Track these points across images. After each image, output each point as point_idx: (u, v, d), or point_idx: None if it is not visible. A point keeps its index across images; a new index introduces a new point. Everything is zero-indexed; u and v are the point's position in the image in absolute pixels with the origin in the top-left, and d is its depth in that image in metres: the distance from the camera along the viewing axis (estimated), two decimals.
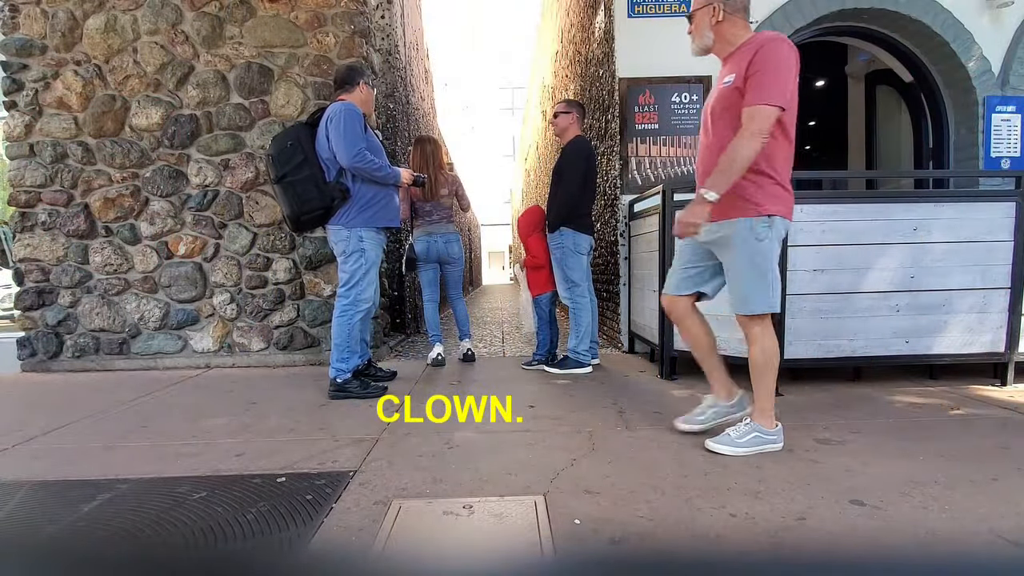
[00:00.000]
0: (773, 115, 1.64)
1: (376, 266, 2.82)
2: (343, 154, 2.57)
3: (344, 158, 2.58)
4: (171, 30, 3.66)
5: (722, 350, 2.75)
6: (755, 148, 1.64)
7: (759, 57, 1.66)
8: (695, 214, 1.70)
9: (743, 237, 1.78)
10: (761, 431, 1.80)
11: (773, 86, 1.64)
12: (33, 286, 3.76)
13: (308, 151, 2.64)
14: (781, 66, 1.65)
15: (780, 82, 1.64)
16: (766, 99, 1.64)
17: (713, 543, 1.27)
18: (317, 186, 2.63)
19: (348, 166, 2.60)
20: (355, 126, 2.59)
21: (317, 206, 2.65)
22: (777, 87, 1.64)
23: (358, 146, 2.58)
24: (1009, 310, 2.64)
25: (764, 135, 1.64)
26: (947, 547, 1.18)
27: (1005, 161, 3.91)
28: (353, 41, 3.68)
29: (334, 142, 2.59)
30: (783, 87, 1.65)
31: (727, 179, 1.67)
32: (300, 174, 2.62)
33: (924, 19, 3.77)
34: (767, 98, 1.64)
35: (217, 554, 0.87)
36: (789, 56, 1.67)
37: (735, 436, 1.81)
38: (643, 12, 3.78)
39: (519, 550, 1.25)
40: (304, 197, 2.62)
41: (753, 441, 1.79)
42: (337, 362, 2.72)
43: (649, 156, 3.84)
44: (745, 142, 1.65)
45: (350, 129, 2.57)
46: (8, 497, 1.59)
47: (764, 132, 1.64)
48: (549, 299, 3.46)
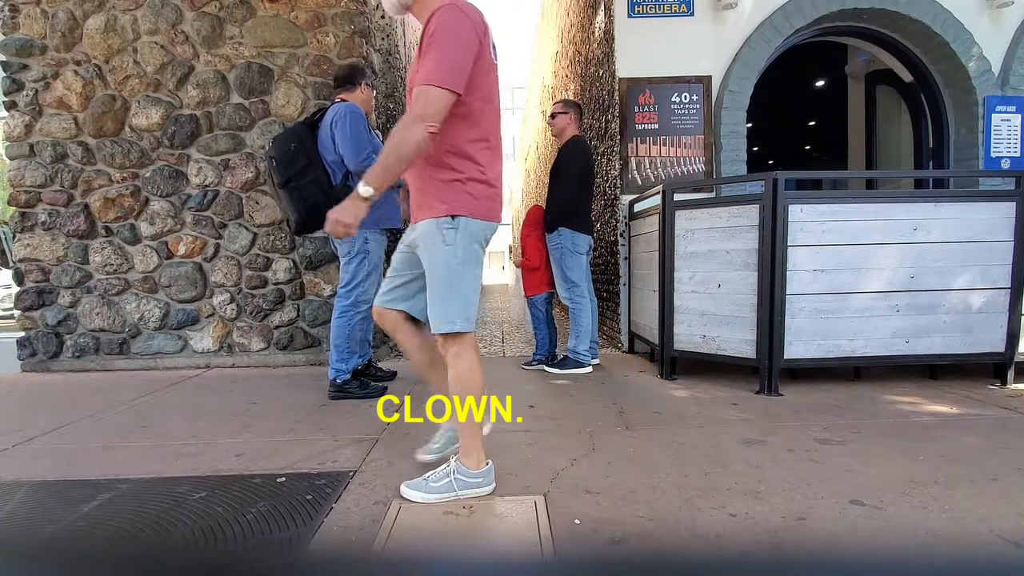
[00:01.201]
0: (442, 98, 1.36)
1: (379, 268, 2.82)
2: (352, 158, 2.57)
3: (353, 162, 2.57)
4: (171, 30, 3.66)
5: (721, 350, 2.77)
6: (418, 136, 1.36)
7: (430, 28, 1.39)
8: (346, 211, 1.41)
9: (428, 241, 1.51)
10: (462, 474, 1.52)
11: (441, 64, 1.36)
12: (33, 286, 3.76)
13: (312, 154, 2.60)
14: (450, 39, 1.37)
15: (449, 59, 1.36)
16: (431, 78, 1.35)
17: (713, 543, 1.27)
18: (323, 190, 2.58)
19: (356, 169, 2.59)
20: (361, 128, 2.59)
21: (324, 210, 2.63)
22: (445, 65, 1.36)
23: (366, 149, 2.58)
24: (1009, 310, 2.64)
25: (430, 121, 1.36)
26: (947, 547, 1.18)
27: (1005, 161, 3.91)
28: (353, 41, 3.68)
29: (341, 145, 2.57)
30: (452, 65, 1.36)
31: (386, 172, 1.39)
32: (305, 178, 2.57)
33: (924, 19, 3.77)
34: (432, 77, 1.35)
35: (217, 554, 0.87)
36: (461, 26, 1.38)
37: (432, 479, 1.53)
38: (643, 12, 3.79)
39: (519, 550, 1.25)
40: (311, 201, 2.56)
41: (446, 487, 1.51)
42: (337, 363, 2.72)
43: (649, 156, 3.84)
44: (405, 129, 1.36)
45: (356, 132, 2.56)
46: (8, 497, 1.59)
47: (430, 118, 1.36)
48: (545, 300, 3.45)
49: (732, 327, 2.73)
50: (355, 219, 1.42)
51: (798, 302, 2.61)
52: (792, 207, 2.56)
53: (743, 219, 2.66)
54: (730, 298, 2.72)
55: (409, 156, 1.38)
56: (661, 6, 3.78)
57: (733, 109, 3.76)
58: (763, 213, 2.57)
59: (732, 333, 2.74)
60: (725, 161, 3.77)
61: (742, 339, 2.70)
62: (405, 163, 1.39)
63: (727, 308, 2.74)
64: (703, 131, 3.81)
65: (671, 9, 3.78)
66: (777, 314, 2.58)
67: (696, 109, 3.79)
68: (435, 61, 1.36)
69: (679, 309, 2.92)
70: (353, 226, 1.43)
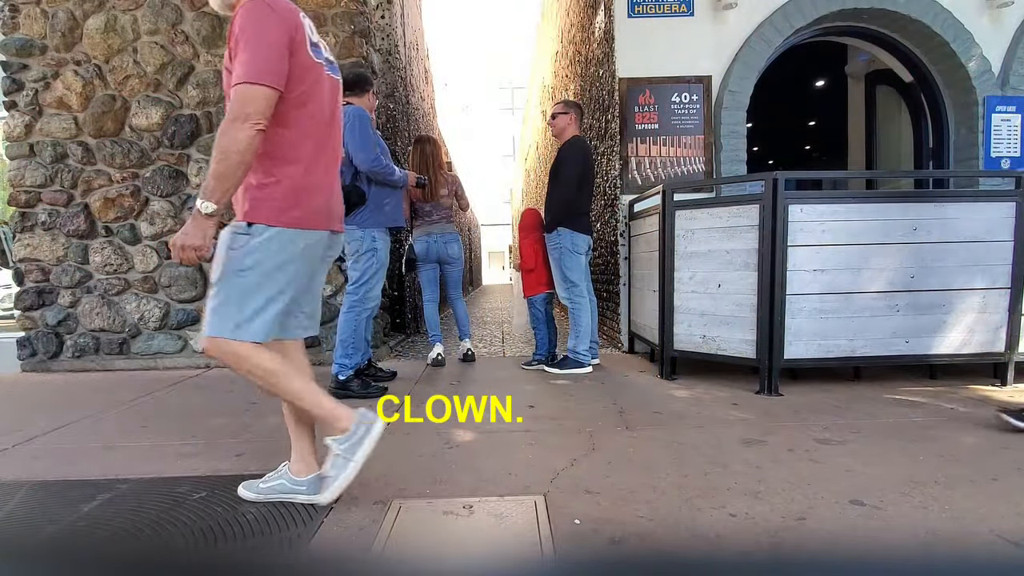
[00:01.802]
0: (259, 95, 1.29)
1: (386, 266, 2.90)
2: (361, 159, 2.67)
3: (362, 163, 2.68)
4: (171, 30, 3.66)
5: (721, 350, 2.77)
6: (243, 137, 1.27)
7: (235, 27, 1.33)
8: (192, 234, 1.29)
9: (220, 244, 1.40)
10: (287, 480, 1.53)
11: (251, 60, 1.29)
12: (33, 286, 3.76)
13: None
14: (258, 33, 1.30)
15: (259, 54, 1.29)
16: (245, 77, 1.29)
17: (713, 543, 1.26)
18: None
19: (366, 170, 2.70)
20: (368, 131, 2.71)
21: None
22: (256, 61, 1.29)
23: (375, 151, 2.69)
24: (1009, 310, 2.64)
25: (254, 119, 1.28)
26: (947, 547, 1.18)
27: (1005, 161, 3.91)
28: (353, 41, 3.68)
29: (351, 146, 2.66)
30: (263, 59, 1.30)
31: (220, 181, 1.29)
32: None
33: (924, 19, 3.77)
34: (246, 76, 1.29)
35: (217, 554, 0.87)
36: (266, 20, 1.31)
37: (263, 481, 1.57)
38: (643, 12, 3.79)
39: (519, 550, 1.25)
40: None
41: (271, 489, 1.53)
42: (341, 358, 2.75)
43: (649, 156, 3.84)
44: (227, 134, 1.28)
45: (365, 134, 2.68)
46: (8, 497, 1.59)
47: (252, 116, 1.28)
48: (543, 300, 3.47)
49: (732, 327, 2.73)
50: (204, 239, 1.30)
51: (798, 302, 2.61)
52: (792, 207, 2.56)
53: (743, 219, 2.66)
54: (730, 298, 2.72)
55: (242, 160, 1.29)
56: (661, 6, 3.78)
57: (733, 109, 3.76)
58: (763, 213, 2.57)
59: (732, 333, 2.74)
60: (725, 161, 3.77)
61: (742, 339, 2.70)
62: (240, 167, 1.30)
63: (727, 308, 2.74)
64: (703, 131, 3.81)
65: (671, 9, 3.78)
66: (777, 314, 2.58)
67: (696, 109, 3.79)
68: (245, 61, 1.30)
69: (679, 309, 2.92)
70: (204, 248, 1.31)
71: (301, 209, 1.43)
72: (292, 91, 1.37)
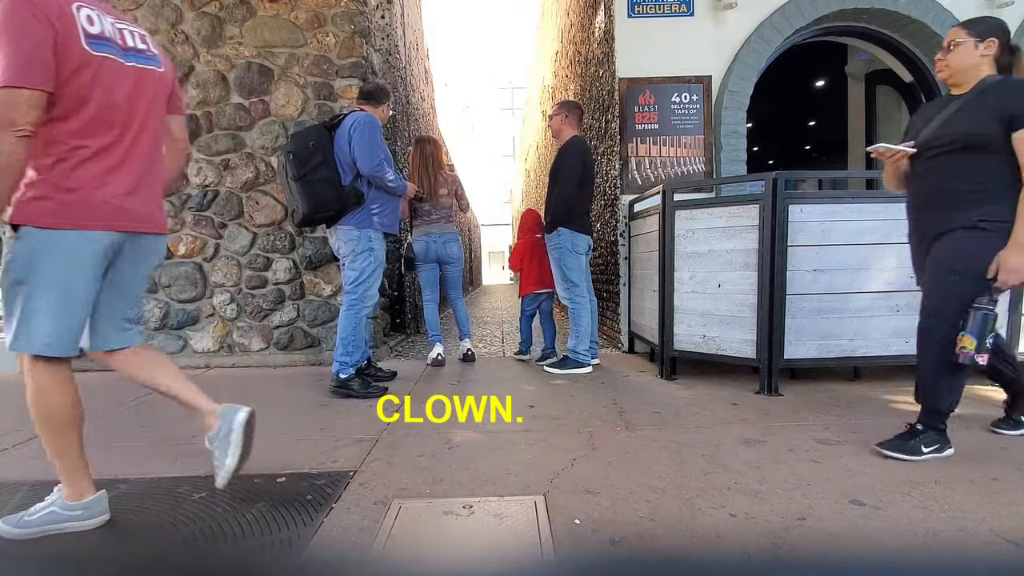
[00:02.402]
0: (16, 98, 1.20)
1: (383, 266, 2.92)
2: (365, 161, 2.71)
3: (366, 166, 2.72)
4: (171, 30, 3.66)
5: (721, 350, 2.77)
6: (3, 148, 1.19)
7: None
8: None
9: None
10: (59, 507, 1.37)
11: (7, 61, 1.20)
12: None
13: (327, 153, 2.74)
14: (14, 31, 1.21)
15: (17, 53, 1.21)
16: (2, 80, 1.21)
17: (713, 543, 1.26)
18: (334, 188, 2.73)
19: (367, 173, 2.74)
20: (377, 137, 2.77)
21: (332, 207, 2.75)
22: (13, 61, 1.21)
23: (379, 157, 2.74)
24: (1009, 310, 2.64)
25: (15, 126, 1.20)
26: (947, 547, 1.18)
27: None
28: (353, 41, 3.68)
29: (357, 149, 2.70)
30: (17, 58, 1.21)
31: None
32: (318, 175, 2.71)
33: (924, 19, 3.78)
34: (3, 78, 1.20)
35: (217, 554, 0.87)
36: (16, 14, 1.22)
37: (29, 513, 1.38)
38: (643, 12, 3.79)
39: (519, 550, 1.25)
40: (322, 198, 2.72)
41: (42, 520, 1.36)
42: (342, 356, 2.75)
43: (649, 156, 3.84)
44: None
45: (373, 140, 2.73)
46: (8, 497, 1.59)
47: (16, 123, 1.20)
48: (530, 300, 3.67)
49: (732, 327, 2.73)
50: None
51: (798, 302, 2.61)
52: (792, 207, 2.56)
53: (743, 219, 2.66)
54: (730, 298, 2.72)
55: (6, 167, 1.20)
56: (661, 6, 3.78)
57: (733, 109, 3.76)
58: (763, 213, 2.57)
59: (732, 333, 2.74)
60: (725, 161, 3.77)
61: (742, 339, 2.70)
62: (5, 176, 1.21)
63: (727, 308, 2.74)
64: (703, 131, 3.81)
65: (671, 9, 3.78)
66: (777, 314, 2.58)
67: (696, 109, 3.79)
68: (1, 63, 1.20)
69: (679, 309, 2.92)
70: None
71: (76, 208, 1.33)
72: (63, 86, 1.28)
